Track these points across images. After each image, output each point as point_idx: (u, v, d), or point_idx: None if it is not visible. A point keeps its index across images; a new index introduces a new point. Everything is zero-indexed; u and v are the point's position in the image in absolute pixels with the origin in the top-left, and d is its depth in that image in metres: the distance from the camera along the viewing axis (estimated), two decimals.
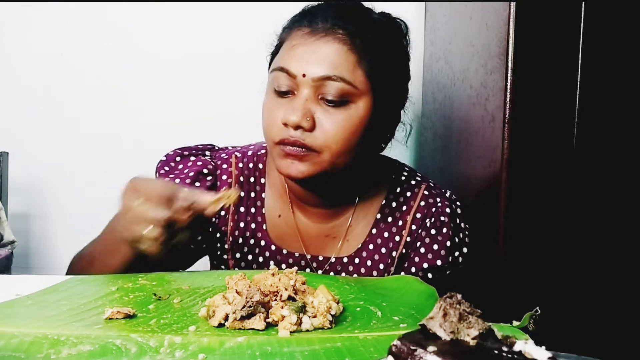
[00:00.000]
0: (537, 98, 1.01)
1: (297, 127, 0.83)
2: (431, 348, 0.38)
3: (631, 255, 1.04)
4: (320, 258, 0.97)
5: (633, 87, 1.02)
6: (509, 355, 0.38)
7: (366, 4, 0.93)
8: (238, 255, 0.97)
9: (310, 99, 0.83)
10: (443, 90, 1.38)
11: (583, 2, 0.99)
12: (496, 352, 0.38)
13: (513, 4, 0.99)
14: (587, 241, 1.03)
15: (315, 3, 0.92)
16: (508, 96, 1.00)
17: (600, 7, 0.99)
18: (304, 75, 0.83)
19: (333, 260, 0.96)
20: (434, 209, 0.95)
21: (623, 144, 1.03)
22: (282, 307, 0.60)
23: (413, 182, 0.99)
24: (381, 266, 0.95)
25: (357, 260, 0.96)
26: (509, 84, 1.00)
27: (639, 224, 1.04)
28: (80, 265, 0.85)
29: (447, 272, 0.94)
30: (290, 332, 0.58)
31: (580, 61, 1.00)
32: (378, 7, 0.95)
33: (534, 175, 1.02)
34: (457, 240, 0.95)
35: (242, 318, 0.59)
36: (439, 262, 0.93)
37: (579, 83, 1.01)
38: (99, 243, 0.85)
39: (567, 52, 1.00)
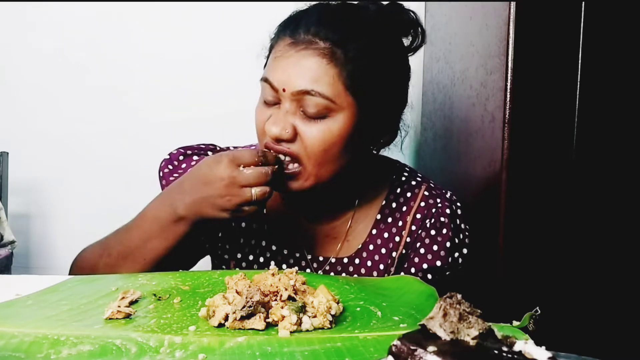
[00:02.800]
0: (537, 98, 1.01)
1: (278, 140, 0.84)
2: (431, 348, 0.38)
3: (631, 255, 1.04)
4: (321, 258, 0.97)
5: (633, 87, 1.02)
6: (509, 355, 0.38)
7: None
8: (239, 255, 0.97)
9: (292, 111, 0.84)
10: (443, 90, 1.38)
11: (583, 2, 0.99)
12: (496, 352, 0.38)
13: (513, 4, 0.99)
14: (587, 241, 1.03)
15: (305, 5, 0.91)
16: (508, 96, 1.00)
17: (600, 7, 0.99)
18: (284, 90, 0.84)
19: (333, 260, 0.96)
20: (434, 210, 0.95)
21: (623, 144, 1.03)
22: (282, 307, 0.60)
23: (413, 183, 0.98)
24: (381, 267, 0.95)
25: (357, 261, 0.96)
26: (509, 84, 1.00)
27: (639, 224, 1.04)
28: (105, 263, 0.85)
29: (447, 273, 0.94)
30: (290, 332, 0.58)
31: (580, 61, 1.00)
32: None
33: (534, 175, 1.02)
34: (457, 241, 0.95)
35: (242, 318, 0.59)
36: (438, 263, 0.93)
37: (579, 83, 1.01)
38: (136, 235, 0.84)
39: (567, 52, 1.00)
